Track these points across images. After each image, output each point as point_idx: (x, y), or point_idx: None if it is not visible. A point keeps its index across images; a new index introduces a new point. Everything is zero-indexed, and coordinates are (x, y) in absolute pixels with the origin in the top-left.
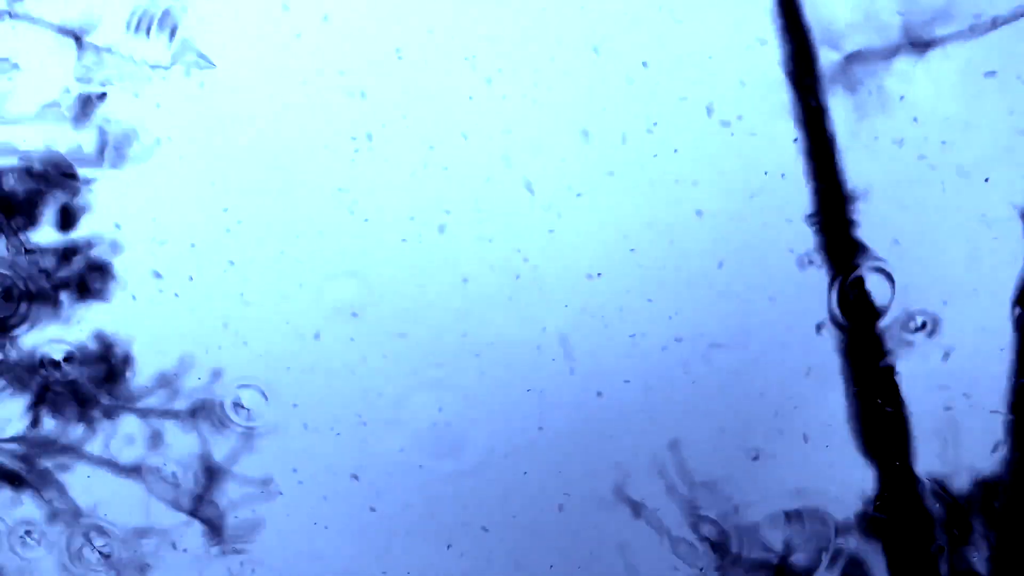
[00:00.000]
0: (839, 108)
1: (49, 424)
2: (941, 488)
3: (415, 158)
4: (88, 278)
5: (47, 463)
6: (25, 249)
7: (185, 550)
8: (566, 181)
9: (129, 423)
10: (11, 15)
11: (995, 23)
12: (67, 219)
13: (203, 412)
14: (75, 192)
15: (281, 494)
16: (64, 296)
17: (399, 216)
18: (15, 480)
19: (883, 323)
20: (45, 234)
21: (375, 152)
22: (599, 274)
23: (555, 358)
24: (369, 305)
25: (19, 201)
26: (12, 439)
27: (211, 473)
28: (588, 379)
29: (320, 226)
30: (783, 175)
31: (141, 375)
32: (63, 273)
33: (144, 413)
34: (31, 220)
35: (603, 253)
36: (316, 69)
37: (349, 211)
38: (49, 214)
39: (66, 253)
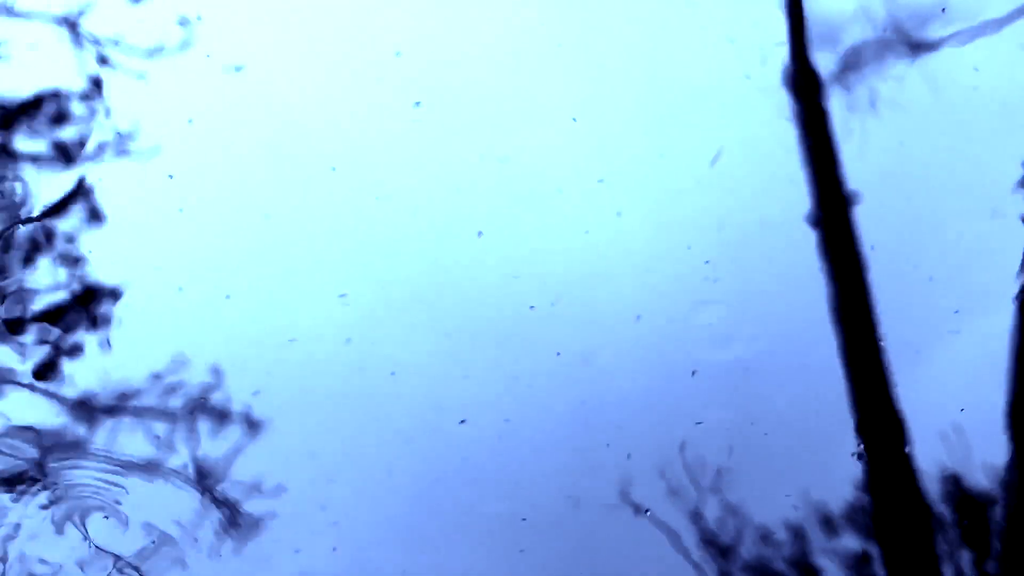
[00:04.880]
0: (838, 110)
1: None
2: (945, 486)
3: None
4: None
5: (56, 462)
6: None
7: (198, 544)
8: (580, 178)
9: (131, 423)
10: (9, 12)
11: (990, 25)
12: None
13: (203, 411)
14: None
15: (287, 491)
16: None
17: (415, 217)
18: (24, 481)
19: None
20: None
21: (381, 144)
22: (602, 274)
23: (558, 358)
24: (375, 305)
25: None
26: (21, 432)
27: (215, 470)
28: (592, 379)
29: (324, 218)
30: (786, 178)
31: (138, 373)
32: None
33: (144, 412)
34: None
35: (607, 253)
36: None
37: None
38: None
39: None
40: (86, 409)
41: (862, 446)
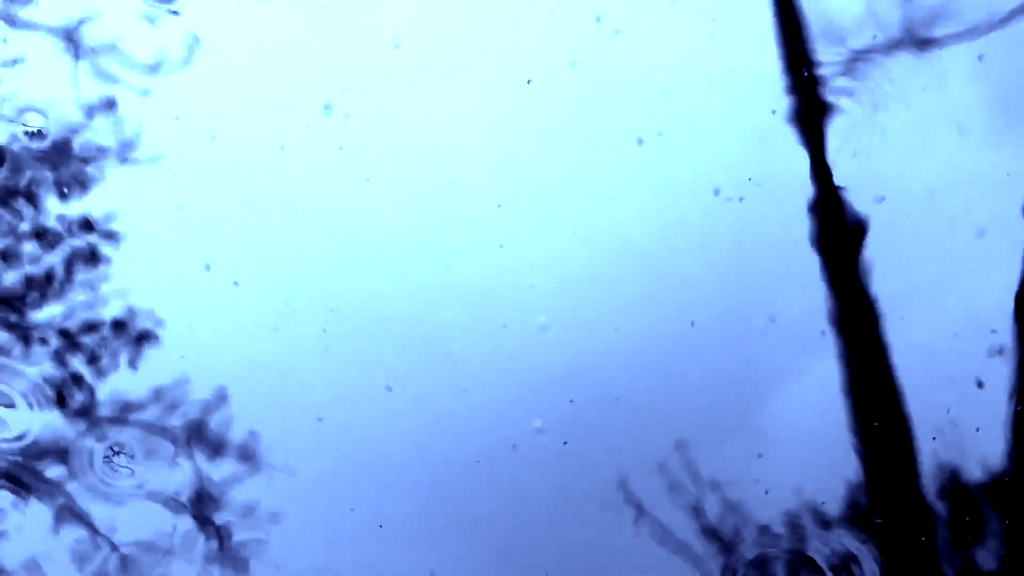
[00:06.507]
0: (839, 106)
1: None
2: (945, 483)
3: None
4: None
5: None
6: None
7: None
8: (566, 178)
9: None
10: (11, 21)
11: (996, 21)
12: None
13: (200, 430)
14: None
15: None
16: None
17: (389, 220)
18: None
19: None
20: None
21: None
22: (602, 271)
23: (555, 356)
24: (363, 304)
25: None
26: (17, 439)
27: (210, 489)
28: (589, 377)
29: (314, 227)
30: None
31: (139, 388)
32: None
33: (142, 426)
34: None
35: (606, 250)
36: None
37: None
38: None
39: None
40: (87, 419)
41: (862, 440)
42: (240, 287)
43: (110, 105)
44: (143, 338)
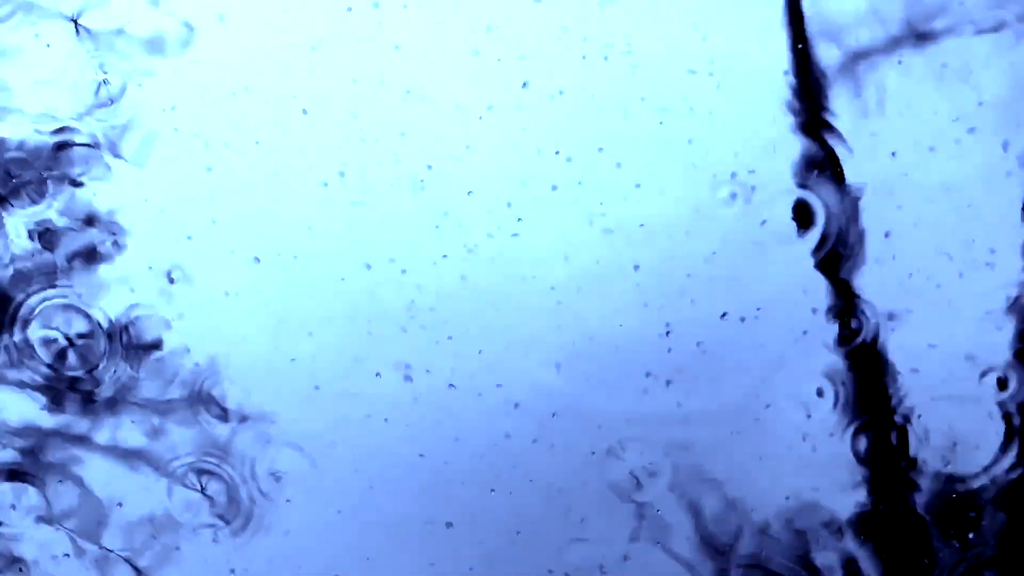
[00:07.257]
0: (840, 105)
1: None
2: (943, 484)
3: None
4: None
5: (56, 457)
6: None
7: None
8: (555, 175)
9: (130, 414)
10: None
11: (997, 19)
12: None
13: (200, 401)
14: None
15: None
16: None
17: (391, 217)
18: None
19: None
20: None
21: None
22: (603, 271)
23: (552, 353)
24: (367, 298)
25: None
26: (20, 431)
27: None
28: (586, 376)
29: (319, 217)
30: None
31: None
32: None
33: (144, 404)
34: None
35: (608, 250)
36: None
37: (349, 202)
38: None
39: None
40: (87, 401)
41: (862, 442)
42: (240, 285)
43: (112, 93)
44: (148, 347)
